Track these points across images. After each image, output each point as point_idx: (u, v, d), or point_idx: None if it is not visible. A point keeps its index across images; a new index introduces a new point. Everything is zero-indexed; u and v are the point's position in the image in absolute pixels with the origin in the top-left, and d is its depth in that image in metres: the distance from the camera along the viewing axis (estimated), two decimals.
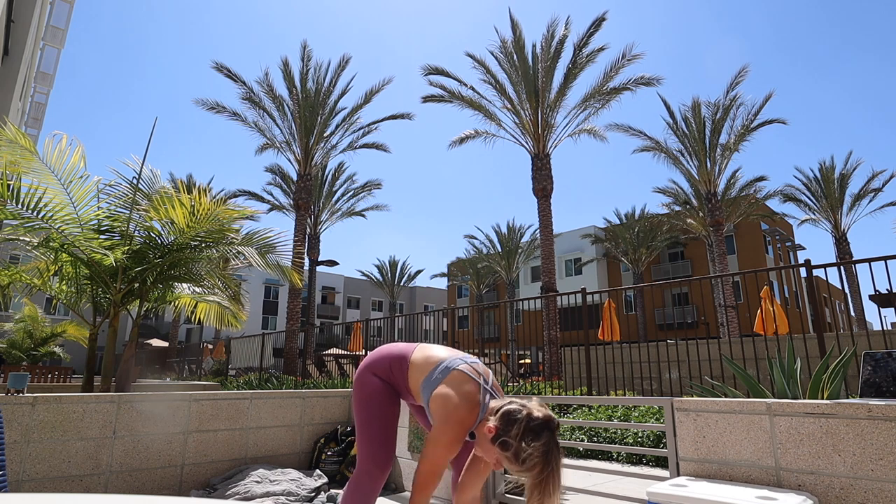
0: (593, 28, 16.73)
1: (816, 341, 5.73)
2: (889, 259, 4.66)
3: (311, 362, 17.75)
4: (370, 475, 1.89)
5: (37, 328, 13.34)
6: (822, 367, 2.94)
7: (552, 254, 16.41)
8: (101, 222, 5.25)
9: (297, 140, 19.49)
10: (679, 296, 32.73)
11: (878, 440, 1.94)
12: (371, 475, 1.89)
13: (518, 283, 40.33)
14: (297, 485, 3.67)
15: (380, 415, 1.96)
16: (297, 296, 18.12)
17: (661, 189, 28.37)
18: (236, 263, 5.76)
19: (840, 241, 27.86)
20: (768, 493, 1.98)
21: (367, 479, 1.89)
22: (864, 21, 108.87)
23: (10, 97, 12.37)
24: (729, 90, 20.27)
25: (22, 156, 4.73)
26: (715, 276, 6.05)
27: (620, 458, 5.62)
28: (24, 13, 12.81)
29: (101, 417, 3.42)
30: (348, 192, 27.36)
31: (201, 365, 18.93)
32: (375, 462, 1.90)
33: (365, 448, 1.93)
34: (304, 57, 19.52)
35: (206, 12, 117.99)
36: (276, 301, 44.80)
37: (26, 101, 20.01)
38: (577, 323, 27.15)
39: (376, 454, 1.91)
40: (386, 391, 2.01)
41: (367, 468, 1.90)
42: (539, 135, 17.20)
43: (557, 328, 14.90)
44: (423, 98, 18.21)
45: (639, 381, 9.69)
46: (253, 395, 4.16)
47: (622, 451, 4.12)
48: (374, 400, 1.98)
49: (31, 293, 6.25)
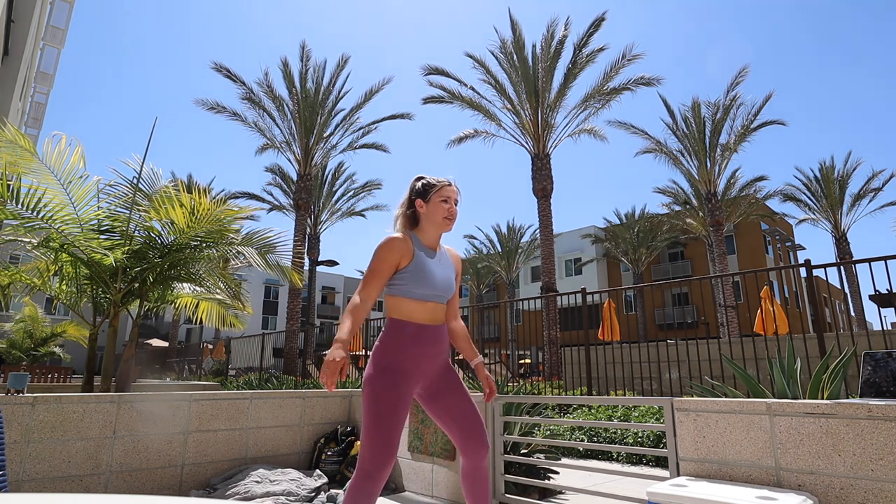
0: (593, 28, 16.73)
1: (816, 341, 5.73)
2: (889, 259, 4.66)
3: (311, 362, 17.75)
4: (370, 477, 1.85)
5: (37, 328, 13.34)
6: (822, 367, 2.94)
7: (552, 254, 16.41)
8: (101, 222, 5.25)
9: (297, 140, 19.49)
10: (679, 296, 32.73)
11: (878, 440, 1.94)
12: (371, 477, 1.85)
13: (518, 283, 40.33)
14: (298, 485, 3.67)
15: (385, 414, 1.91)
16: (297, 296, 18.11)
17: (661, 189, 28.39)
18: (236, 263, 5.77)
19: (840, 241, 27.85)
20: (768, 493, 1.98)
21: (368, 481, 1.85)
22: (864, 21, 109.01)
23: (10, 97, 12.37)
24: (729, 90, 20.28)
25: (22, 156, 4.74)
26: (715, 276, 6.05)
27: (620, 458, 5.62)
28: (24, 13, 12.81)
29: (101, 417, 3.42)
30: (348, 192, 27.36)
31: (201, 365, 18.93)
32: (377, 456, 1.86)
33: (367, 447, 1.89)
34: (304, 57, 19.54)
35: (207, 13, 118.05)
36: (276, 301, 44.79)
37: (26, 101, 20.01)
38: (577, 323, 27.13)
39: (379, 448, 1.87)
40: (388, 382, 1.96)
41: (367, 468, 1.86)
42: (539, 135, 17.20)
43: (557, 328, 14.90)
44: (423, 99, 18.20)
45: (639, 381, 9.69)
46: (253, 395, 4.16)
47: (622, 451, 4.12)
48: (380, 398, 1.94)
49: (31, 293, 6.25)
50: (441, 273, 2.13)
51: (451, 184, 2.15)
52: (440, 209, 2.10)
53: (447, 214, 2.11)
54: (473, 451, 2.06)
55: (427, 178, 2.17)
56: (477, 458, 2.06)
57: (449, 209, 2.11)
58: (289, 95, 19.36)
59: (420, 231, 2.14)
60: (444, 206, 2.11)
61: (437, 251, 2.17)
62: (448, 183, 2.15)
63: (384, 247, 2.02)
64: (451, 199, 2.13)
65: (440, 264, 2.15)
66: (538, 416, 4.68)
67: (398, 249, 2.03)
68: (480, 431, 2.09)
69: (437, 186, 2.12)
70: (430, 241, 2.15)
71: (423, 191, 2.13)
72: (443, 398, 2.11)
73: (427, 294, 2.07)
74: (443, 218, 2.11)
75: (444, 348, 2.16)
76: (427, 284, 2.06)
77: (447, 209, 2.11)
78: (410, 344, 2.03)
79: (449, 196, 2.12)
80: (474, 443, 2.06)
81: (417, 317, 2.06)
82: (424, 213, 2.12)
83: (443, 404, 2.11)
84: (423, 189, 2.13)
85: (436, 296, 2.09)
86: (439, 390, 2.12)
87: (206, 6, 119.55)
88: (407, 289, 2.05)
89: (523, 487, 3.58)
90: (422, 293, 2.06)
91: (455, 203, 2.15)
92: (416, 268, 2.05)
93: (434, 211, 2.11)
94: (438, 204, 2.11)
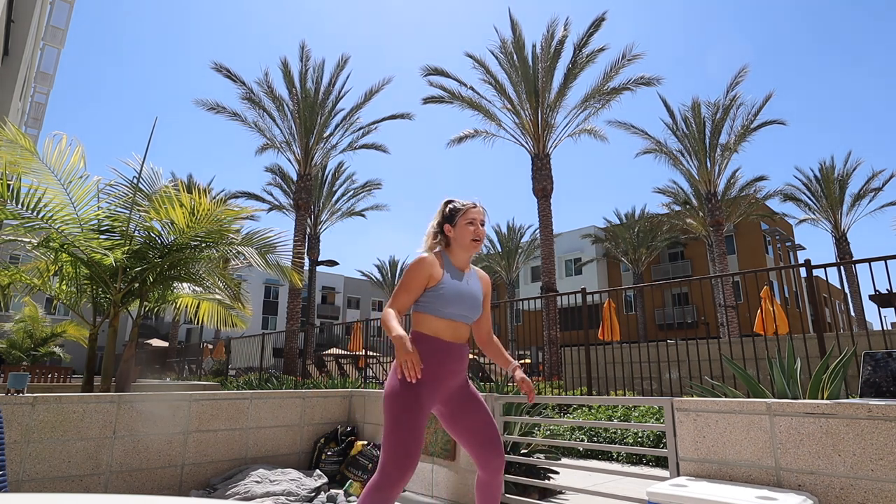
0: (593, 28, 16.73)
1: (816, 341, 5.73)
2: (889, 259, 4.66)
3: (311, 362, 17.74)
4: (390, 480, 1.86)
5: (37, 328, 13.34)
6: (822, 367, 2.94)
7: (552, 254, 16.41)
8: (101, 222, 5.25)
9: (297, 140, 19.49)
10: (679, 296, 32.73)
11: (878, 440, 1.94)
12: (392, 482, 1.86)
13: (518, 283, 40.35)
14: (298, 485, 3.67)
15: (408, 427, 1.93)
16: (297, 296, 18.11)
17: (661, 189, 28.38)
18: (236, 263, 5.77)
19: (840, 241, 27.85)
20: (768, 493, 1.98)
21: (389, 487, 1.86)
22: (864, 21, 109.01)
23: (10, 97, 12.37)
24: (729, 90, 20.29)
25: (22, 156, 4.74)
26: (715, 276, 6.05)
27: (620, 458, 5.62)
28: (24, 13, 12.81)
29: (101, 417, 3.42)
30: (348, 192, 27.37)
31: (201, 365, 18.93)
32: (397, 466, 1.87)
33: (388, 452, 1.90)
34: (303, 57, 19.54)
35: (207, 13, 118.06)
36: (276, 301, 44.78)
37: (26, 101, 20.01)
38: (577, 323, 27.13)
39: (399, 459, 1.88)
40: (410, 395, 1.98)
41: (389, 472, 1.87)
42: (539, 135, 17.20)
43: (557, 328, 14.90)
44: (423, 99, 18.20)
45: (639, 381, 9.69)
46: (253, 395, 4.16)
47: (622, 451, 4.12)
48: (405, 409, 1.95)
49: (31, 293, 6.24)
50: (468, 293, 2.20)
51: (477, 205, 2.26)
52: (467, 232, 2.21)
53: (474, 236, 2.21)
54: (492, 466, 2.12)
55: (455, 202, 2.27)
56: (494, 473, 2.13)
57: (475, 231, 2.21)
58: (289, 95, 19.36)
59: (451, 252, 2.25)
60: (471, 229, 2.21)
61: (465, 272, 2.26)
62: (473, 205, 2.25)
63: (415, 266, 2.13)
64: (477, 221, 2.22)
65: (468, 285, 2.22)
66: (538, 416, 4.68)
67: (427, 269, 2.12)
68: (499, 447, 2.15)
69: (462, 210, 2.23)
70: (459, 262, 2.24)
71: (450, 216, 2.25)
72: (463, 416, 2.17)
73: (453, 313, 2.15)
74: (470, 240, 2.21)
75: (465, 366, 2.22)
76: (453, 304, 2.14)
77: (473, 231, 2.21)
78: (435, 358, 2.08)
79: (475, 218, 2.22)
80: (494, 459, 2.13)
81: (443, 334, 2.13)
82: (453, 237, 2.23)
83: (463, 423, 2.17)
84: (449, 214, 2.25)
85: (462, 315, 2.17)
86: (460, 407, 2.18)
87: (206, 6, 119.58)
88: (434, 307, 2.13)
89: (523, 487, 3.58)
90: (448, 312, 2.14)
91: (482, 224, 2.24)
92: (443, 287, 2.13)
93: (461, 234, 2.21)
94: (465, 227, 2.21)
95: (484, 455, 2.13)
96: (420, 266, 2.12)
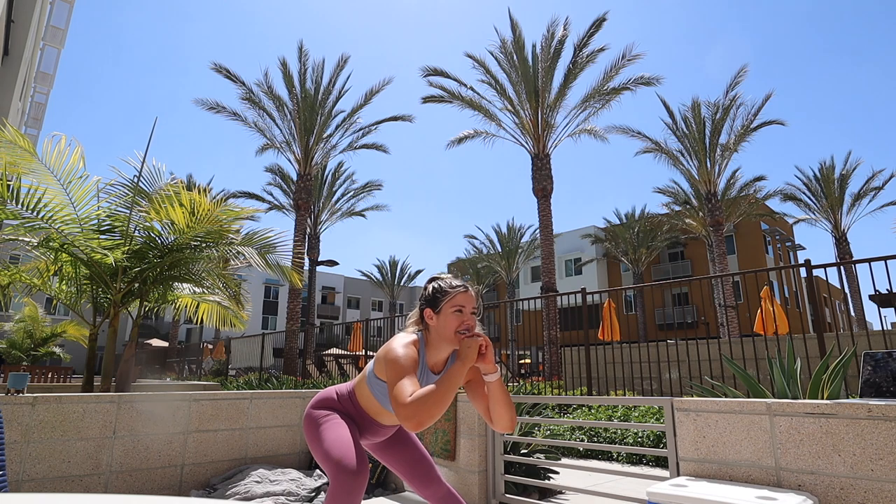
0: (593, 28, 16.75)
1: (816, 341, 5.73)
2: (889, 259, 4.66)
3: (311, 362, 17.75)
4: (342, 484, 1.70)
5: (37, 328, 13.36)
6: (822, 367, 2.94)
7: (552, 254, 16.42)
8: (101, 222, 5.26)
9: (297, 140, 19.50)
10: (679, 296, 32.73)
11: (877, 440, 1.94)
12: (343, 484, 1.70)
13: (518, 283, 40.34)
14: (297, 485, 3.67)
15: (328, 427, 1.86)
16: (297, 296, 18.12)
17: (661, 189, 28.41)
18: (236, 263, 5.77)
19: (840, 241, 27.85)
20: (768, 493, 1.98)
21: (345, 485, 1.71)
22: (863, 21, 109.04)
23: (10, 97, 12.37)
24: (728, 90, 20.29)
25: (22, 156, 4.74)
26: (715, 276, 6.05)
27: (620, 458, 5.62)
28: (24, 13, 12.81)
29: (101, 417, 3.42)
30: (348, 192, 27.40)
31: (201, 365, 18.94)
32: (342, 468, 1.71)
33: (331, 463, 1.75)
34: (301, 57, 19.55)
35: (206, 13, 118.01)
36: (276, 301, 44.80)
37: (26, 101, 20.01)
38: (577, 323, 27.14)
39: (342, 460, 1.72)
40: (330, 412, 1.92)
41: (338, 477, 1.71)
42: (539, 135, 17.21)
43: (557, 328, 14.91)
44: (423, 99, 18.22)
45: (639, 381, 9.69)
46: (253, 395, 4.16)
47: (622, 451, 4.12)
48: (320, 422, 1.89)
49: (31, 293, 6.25)
50: None
51: (468, 289, 1.83)
52: (452, 321, 1.78)
53: (460, 328, 1.78)
54: (438, 496, 1.99)
55: (440, 280, 1.86)
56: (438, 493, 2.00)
57: (463, 322, 1.78)
58: (288, 95, 19.38)
59: (429, 344, 1.84)
60: (457, 318, 1.78)
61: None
62: (464, 289, 1.82)
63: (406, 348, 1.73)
64: (466, 310, 1.79)
65: None
66: (538, 416, 4.68)
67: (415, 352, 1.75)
68: (437, 479, 2.02)
69: (449, 294, 1.80)
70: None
71: (433, 299, 1.82)
72: (393, 450, 2.05)
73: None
74: (454, 332, 1.78)
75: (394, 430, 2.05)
76: None
77: (460, 322, 1.78)
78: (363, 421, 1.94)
79: (463, 305, 1.79)
80: (437, 489, 2.00)
81: (381, 419, 1.92)
82: (434, 326, 1.81)
83: (395, 455, 2.05)
84: (432, 297, 1.83)
85: None
86: (389, 444, 2.07)
87: (206, 6, 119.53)
88: (386, 401, 1.84)
89: (523, 487, 3.58)
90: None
91: (472, 312, 1.81)
92: None
93: (445, 324, 1.79)
94: (450, 315, 1.79)
95: (424, 490, 1.99)
96: (411, 347, 1.74)
